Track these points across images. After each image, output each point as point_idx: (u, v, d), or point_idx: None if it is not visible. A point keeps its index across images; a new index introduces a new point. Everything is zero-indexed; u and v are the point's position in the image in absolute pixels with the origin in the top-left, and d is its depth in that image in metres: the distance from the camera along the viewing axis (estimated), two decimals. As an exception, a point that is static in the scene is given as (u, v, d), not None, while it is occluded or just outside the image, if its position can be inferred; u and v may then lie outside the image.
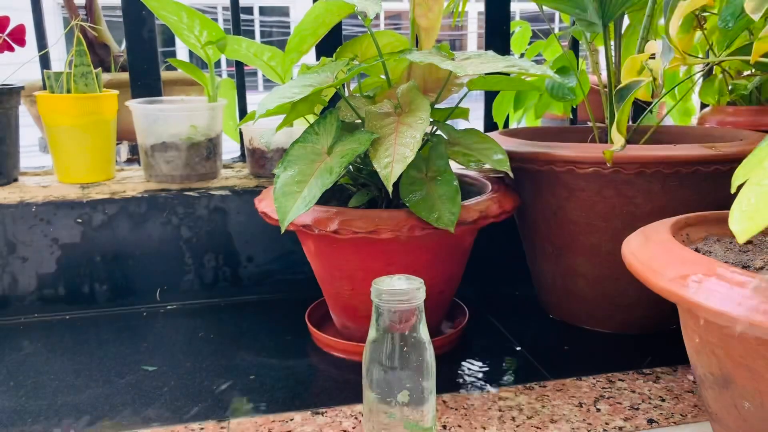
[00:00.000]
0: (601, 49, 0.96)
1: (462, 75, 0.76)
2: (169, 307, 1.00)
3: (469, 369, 0.79)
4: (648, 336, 0.87)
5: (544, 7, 0.94)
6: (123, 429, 0.66)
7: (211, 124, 1.02)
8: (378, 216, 0.71)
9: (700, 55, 1.12)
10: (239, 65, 1.13)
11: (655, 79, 0.74)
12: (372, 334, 0.55)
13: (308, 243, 0.79)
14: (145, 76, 1.09)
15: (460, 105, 0.83)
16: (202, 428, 0.66)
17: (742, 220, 0.55)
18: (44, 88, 1.07)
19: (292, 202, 0.68)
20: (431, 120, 0.77)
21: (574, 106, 1.27)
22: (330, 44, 1.05)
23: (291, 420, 0.67)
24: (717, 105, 1.21)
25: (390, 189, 0.67)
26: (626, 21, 1.00)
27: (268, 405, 0.71)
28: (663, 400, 0.70)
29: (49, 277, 0.99)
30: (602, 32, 0.90)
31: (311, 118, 0.82)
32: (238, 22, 1.13)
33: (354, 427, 0.65)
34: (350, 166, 0.78)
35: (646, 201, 0.80)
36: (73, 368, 0.80)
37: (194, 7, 0.91)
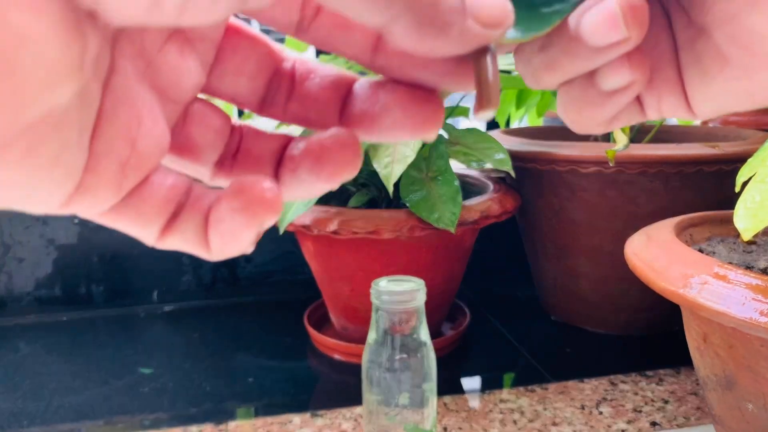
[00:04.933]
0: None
1: (462, 74, 0.75)
2: (166, 309, 1.00)
3: (470, 371, 0.78)
4: (651, 337, 0.86)
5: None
6: (120, 432, 0.66)
7: (209, 124, 1.02)
8: (378, 216, 0.71)
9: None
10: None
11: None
12: (372, 335, 0.54)
13: (307, 243, 0.79)
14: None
15: (460, 104, 0.82)
16: (200, 431, 0.65)
17: (747, 218, 0.54)
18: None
19: (291, 202, 0.67)
20: (431, 119, 0.76)
21: (576, 106, 1.26)
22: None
23: (290, 422, 0.66)
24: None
25: (390, 189, 0.66)
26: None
27: (266, 407, 0.70)
28: (666, 403, 0.70)
29: (45, 278, 0.98)
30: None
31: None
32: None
33: (353, 429, 0.65)
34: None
35: (648, 201, 0.79)
36: (70, 370, 0.80)
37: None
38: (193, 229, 0.19)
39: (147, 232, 0.20)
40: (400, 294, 0.53)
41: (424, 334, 0.54)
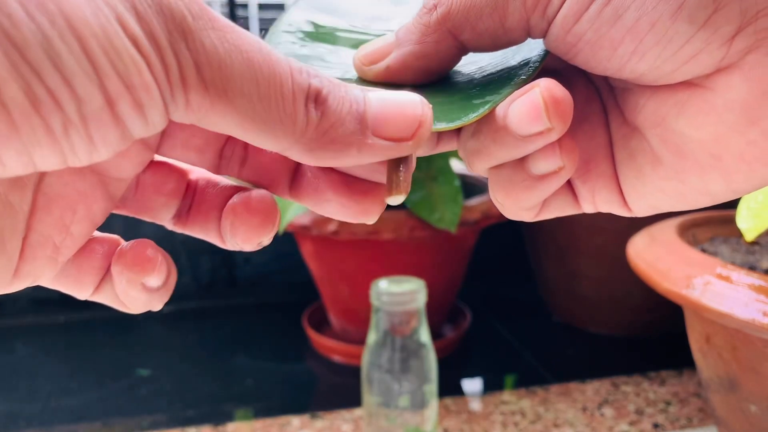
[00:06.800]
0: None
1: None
2: (164, 310, 0.99)
3: (471, 372, 0.78)
4: (653, 338, 0.86)
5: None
6: (117, 434, 0.65)
7: (208, 124, 1.01)
8: (378, 216, 0.70)
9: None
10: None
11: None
12: (372, 337, 0.54)
13: (306, 244, 0.78)
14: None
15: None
16: (198, 433, 0.65)
17: (750, 218, 0.54)
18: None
19: (289, 203, 0.66)
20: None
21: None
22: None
23: (288, 424, 0.66)
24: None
25: (390, 189, 0.66)
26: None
27: (265, 409, 0.69)
28: (669, 404, 0.69)
29: (44, 279, 0.97)
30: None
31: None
32: (235, 18, 1.12)
33: (353, 431, 0.64)
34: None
35: (650, 201, 0.79)
36: (67, 372, 0.79)
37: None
38: (110, 291, 0.21)
39: (82, 294, 0.21)
40: (401, 295, 0.52)
41: (425, 335, 0.54)
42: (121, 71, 0.14)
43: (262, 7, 1.14)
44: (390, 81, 0.22)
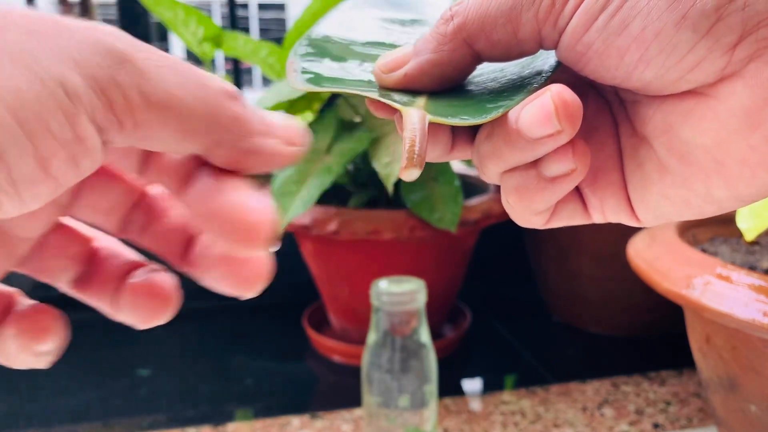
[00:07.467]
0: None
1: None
2: (166, 309, 0.99)
3: (471, 372, 0.78)
4: (653, 338, 0.86)
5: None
6: (117, 434, 0.65)
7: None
8: (378, 216, 0.70)
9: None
10: (236, 62, 1.12)
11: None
12: (372, 337, 0.54)
13: (306, 244, 0.78)
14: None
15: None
16: (198, 433, 0.65)
17: (750, 218, 0.54)
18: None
19: (290, 203, 0.66)
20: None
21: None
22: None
23: (288, 424, 0.66)
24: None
25: (390, 189, 0.66)
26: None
27: (265, 409, 0.69)
28: (669, 404, 0.69)
29: (44, 279, 0.97)
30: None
31: (310, 117, 0.81)
32: (235, 18, 1.12)
33: (353, 431, 0.64)
34: (350, 166, 0.77)
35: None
36: (68, 372, 0.79)
37: (189, 4, 0.91)
38: None
39: None
40: (401, 295, 0.52)
41: (425, 335, 0.54)
42: (56, 131, 0.15)
43: (262, 7, 1.14)
44: (407, 88, 0.23)
